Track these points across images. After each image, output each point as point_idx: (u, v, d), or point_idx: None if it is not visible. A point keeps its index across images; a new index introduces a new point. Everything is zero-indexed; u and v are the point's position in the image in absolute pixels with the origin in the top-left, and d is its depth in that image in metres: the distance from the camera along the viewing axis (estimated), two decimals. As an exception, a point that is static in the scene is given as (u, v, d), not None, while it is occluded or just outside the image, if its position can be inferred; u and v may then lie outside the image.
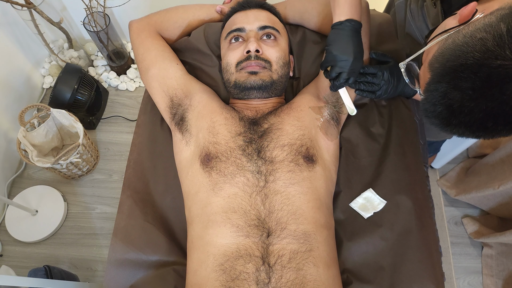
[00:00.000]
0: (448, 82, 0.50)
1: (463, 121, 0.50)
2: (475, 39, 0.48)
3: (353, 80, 0.83)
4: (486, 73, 0.46)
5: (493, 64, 0.45)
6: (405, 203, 0.88)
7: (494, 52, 0.45)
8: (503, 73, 0.45)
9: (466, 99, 0.48)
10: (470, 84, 0.47)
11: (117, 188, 1.60)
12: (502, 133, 0.49)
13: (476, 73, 0.46)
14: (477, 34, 0.48)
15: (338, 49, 0.80)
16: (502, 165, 1.36)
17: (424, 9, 0.92)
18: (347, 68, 0.81)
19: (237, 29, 0.92)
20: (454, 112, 0.50)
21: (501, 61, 0.44)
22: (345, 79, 0.82)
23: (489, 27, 0.47)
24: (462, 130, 0.52)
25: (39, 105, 1.47)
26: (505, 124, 0.48)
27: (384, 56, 0.94)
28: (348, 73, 0.81)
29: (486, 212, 1.58)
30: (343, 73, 0.81)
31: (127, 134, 1.73)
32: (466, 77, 0.47)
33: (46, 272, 1.22)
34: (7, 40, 1.59)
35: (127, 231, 0.87)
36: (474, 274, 1.49)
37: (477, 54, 0.46)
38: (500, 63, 0.45)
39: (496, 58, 0.45)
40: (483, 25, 0.48)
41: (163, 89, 0.96)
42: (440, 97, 0.51)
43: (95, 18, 1.56)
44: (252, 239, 0.75)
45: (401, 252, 0.84)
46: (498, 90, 0.45)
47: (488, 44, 0.46)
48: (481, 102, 0.47)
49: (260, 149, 0.83)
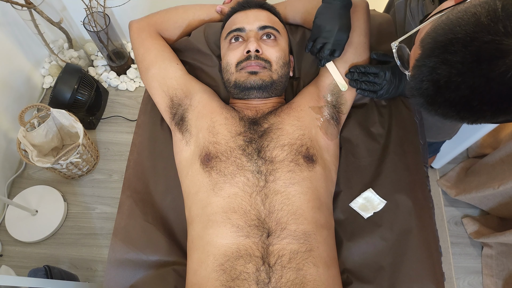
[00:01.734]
0: (437, 56, 0.48)
1: (448, 99, 0.49)
2: (469, 13, 0.47)
3: (338, 54, 0.84)
4: (477, 47, 0.44)
5: (485, 38, 0.44)
6: (405, 203, 0.88)
7: (486, 27, 0.44)
8: (493, 48, 0.44)
9: (453, 73, 0.47)
10: (459, 58, 0.46)
11: (117, 188, 1.60)
12: (487, 115, 0.48)
13: (467, 46, 0.45)
14: (471, 9, 0.47)
15: (324, 19, 0.82)
16: (502, 165, 1.36)
17: (424, 8, 0.93)
18: (331, 39, 0.82)
19: (237, 29, 0.92)
20: (440, 88, 0.49)
21: (493, 36, 0.44)
22: (329, 49, 0.83)
23: (485, 3, 0.46)
24: (447, 110, 0.50)
25: (39, 105, 1.47)
26: (490, 104, 0.47)
27: (385, 56, 0.94)
28: (333, 44, 0.82)
29: (486, 212, 1.58)
30: (328, 43, 0.82)
31: (127, 134, 1.73)
32: (456, 50, 0.46)
33: (46, 272, 1.22)
34: (7, 40, 1.59)
35: (127, 231, 0.87)
36: (474, 274, 1.49)
37: (470, 28, 0.45)
38: (492, 38, 0.44)
39: (488, 33, 0.44)
40: (479, 1, 0.47)
41: (163, 89, 0.96)
42: (428, 72, 0.49)
43: (95, 18, 1.56)
44: (252, 239, 0.75)
45: (401, 252, 0.84)
46: (486, 65, 0.44)
47: (482, 18, 0.45)
48: (469, 78, 0.46)
49: (260, 149, 0.83)
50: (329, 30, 0.82)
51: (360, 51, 0.95)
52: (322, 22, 0.83)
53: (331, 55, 0.86)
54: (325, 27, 0.82)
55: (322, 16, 0.83)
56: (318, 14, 0.84)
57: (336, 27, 0.82)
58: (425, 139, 1.04)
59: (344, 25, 0.83)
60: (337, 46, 0.84)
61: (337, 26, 0.82)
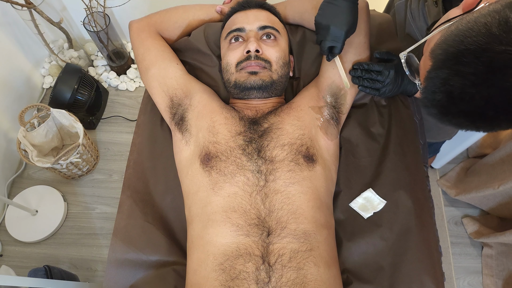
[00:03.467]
0: (449, 68, 0.48)
1: (463, 110, 0.48)
2: (479, 24, 0.46)
3: (338, 50, 0.84)
4: (489, 58, 0.44)
5: (497, 49, 0.44)
6: (405, 203, 0.88)
7: (498, 37, 0.44)
8: (507, 58, 0.43)
9: (467, 85, 0.46)
10: (472, 70, 0.45)
11: (117, 188, 1.60)
12: (503, 124, 0.48)
13: (479, 57, 0.45)
14: (481, 19, 0.46)
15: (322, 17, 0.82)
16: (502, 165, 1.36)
17: (425, 8, 0.92)
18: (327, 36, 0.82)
19: (237, 29, 0.92)
20: (454, 99, 0.48)
21: (505, 47, 0.43)
22: (326, 46, 0.83)
23: (495, 13, 0.45)
24: (462, 120, 0.50)
25: (39, 105, 1.47)
26: (506, 114, 0.46)
27: (388, 54, 0.93)
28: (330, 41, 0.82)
29: (486, 212, 1.58)
30: (324, 41, 0.82)
31: (127, 134, 1.73)
32: (469, 62, 0.46)
33: (46, 272, 1.22)
34: (7, 40, 1.59)
35: (127, 231, 0.87)
36: (474, 274, 1.49)
37: (481, 38, 0.45)
38: (504, 48, 0.43)
39: (501, 43, 0.44)
40: (488, 11, 0.47)
41: (163, 89, 0.96)
42: (441, 84, 0.49)
43: (95, 18, 1.57)
44: (252, 238, 0.75)
45: (401, 252, 0.84)
46: (501, 76, 0.44)
47: (493, 29, 0.44)
48: (483, 89, 0.45)
49: (260, 149, 0.83)
50: (325, 27, 0.82)
51: (360, 51, 0.95)
52: (320, 19, 0.82)
53: (330, 52, 0.85)
54: (321, 24, 0.82)
55: (321, 11, 0.83)
56: (319, 11, 0.83)
57: (331, 24, 0.81)
58: (425, 139, 1.04)
59: (341, 21, 0.81)
60: (334, 43, 0.83)
61: (333, 22, 0.81)
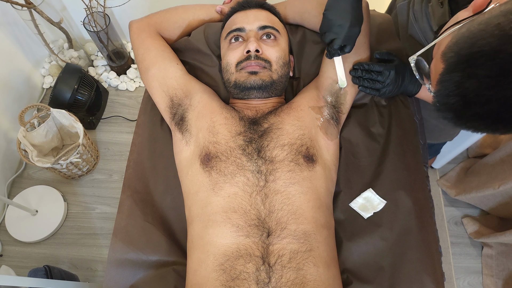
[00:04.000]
0: (462, 71, 0.47)
1: (478, 113, 0.47)
2: (491, 25, 0.45)
3: (349, 49, 0.82)
4: (504, 60, 0.43)
5: (511, 50, 0.43)
6: (405, 203, 0.88)
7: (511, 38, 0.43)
8: None
9: (482, 87, 0.45)
10: (486, 72, 0.45)
11: (117, 188, 1.60)
12: None
13: (493, 59, 0.44)
14: (493, 20, 0.46)
15: (335, 14, 0.79)
16: (502, 165, 1.36)
17: (429, 9, 0.91)
18: (342, 34, 0.79)
19: (237, 29, 0.92)
20: (469, 102, 0.47)
21: None
22: (339, 45, 0.81)
23: (507, 13, 0.45)
24: (477, 124, 0.49)
25: (39, 105, 1.47)
26: None
27: (388, 55, 0.93)
28: (343, 40, 0.80)
29: (486, 212, 1.58)
30: (338, 39, 0.80)
31: (127, 134, 1.73)
32: (482, 64, 0.45)
33: (46, 272, 1.22)
34: (7, 40, 1.59)
35: (127, 231, 0.87)
36: (474, 274, 1.49)
37: (494, 40, 0.44)
38: None
39: None
40: (499, 12, 0.46)
41: (163, 89, 0.96)
42: (455, 87, 0.48)
43: (95, 18, 1.57)
44: (252, 239, 0.75)
45: (401, 252, 0.84)
46: None
47: (506, 30, 0.44)
48: (498, 91, 0.44)
49: (260, 149, 0.83)
50: (340, 25, 0.78)
51: (360, 51, 0.95)
52: (333, 16, 0.79)
53: (341, 50, 0.83)
54: (336, 22, 0.78)
55: (333, 9, 0.79)
56: (329, 7, 0.80)
57: (348, 22, 0.78)
58: (425, 139, 1.04)
59: (355, 20, 0.79)
60: (348, 42, 0.80)
61: (349, 20, 0.78)
